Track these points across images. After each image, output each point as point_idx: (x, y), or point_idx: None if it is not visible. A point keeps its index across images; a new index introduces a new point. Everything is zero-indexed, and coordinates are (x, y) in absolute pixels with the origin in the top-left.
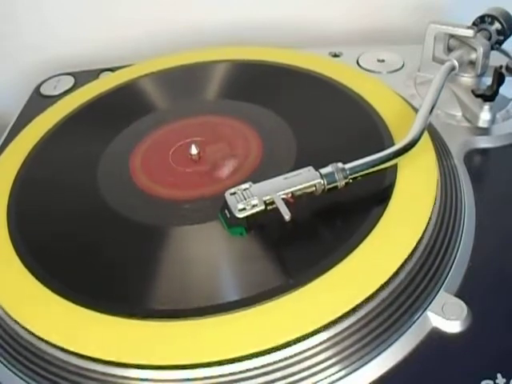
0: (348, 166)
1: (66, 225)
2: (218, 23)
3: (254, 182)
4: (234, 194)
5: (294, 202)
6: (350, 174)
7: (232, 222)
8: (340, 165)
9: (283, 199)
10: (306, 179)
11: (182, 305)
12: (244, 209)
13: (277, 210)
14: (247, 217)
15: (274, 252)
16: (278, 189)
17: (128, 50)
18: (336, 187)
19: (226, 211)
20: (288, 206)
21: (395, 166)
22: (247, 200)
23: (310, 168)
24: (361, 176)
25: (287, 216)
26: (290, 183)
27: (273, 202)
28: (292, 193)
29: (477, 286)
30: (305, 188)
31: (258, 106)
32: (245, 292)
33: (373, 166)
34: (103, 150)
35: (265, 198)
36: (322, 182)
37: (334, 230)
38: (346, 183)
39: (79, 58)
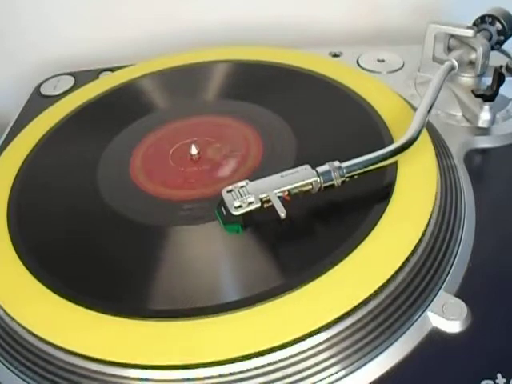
0: (345, 164)
1: (66, 225)
2: (218, 23)
3: (253, 181)
4: (231, 191)
5: (290, 199)
6: (347, 173)
7: (228, 220)
8: (337, 163)
9: (279, 197)
10: (303, 177)
11: (181, 305)
12: (240, 206)
13: (273, 207)
14: (243, 214)
15: (273, 252)
16: (275, 187)
17: (128, 50)
18: (333, 185)
19: (223, 208)
20: (284, 204)
21: (395, 166)
22: (243, 197)
23: (307, 166)
24: (358, 174)
25: (283, 214)
26: (287, 181)
27: (269, 200)
28: (288, 191)
29: (477, 285)
30: (301, 186)
31: (258, 105)
32: (244, 292)
33: (370, 165)
34: (103, 150)
35: (261, 196)
36: (319, 180)
37: (334, 230)
38: (343, 181)
39: (79, 58)
